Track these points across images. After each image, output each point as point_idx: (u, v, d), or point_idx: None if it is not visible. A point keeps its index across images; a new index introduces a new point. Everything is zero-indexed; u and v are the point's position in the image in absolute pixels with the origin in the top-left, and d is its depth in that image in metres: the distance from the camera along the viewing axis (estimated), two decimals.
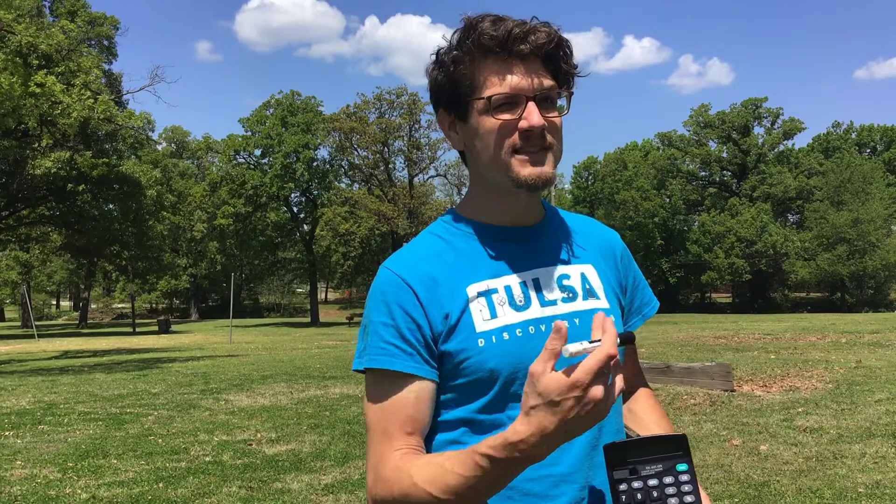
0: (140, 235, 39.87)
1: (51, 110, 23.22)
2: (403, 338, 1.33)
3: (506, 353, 1.33)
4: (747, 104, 64.77)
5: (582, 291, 1.43)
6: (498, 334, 1.34)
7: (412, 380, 1.33)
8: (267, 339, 32.39)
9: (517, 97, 1.33)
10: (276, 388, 12.54)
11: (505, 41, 1.33)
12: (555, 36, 1.35)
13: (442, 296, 1.36)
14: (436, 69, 1.41)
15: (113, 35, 44.97)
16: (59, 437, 8.54)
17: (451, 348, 1.34)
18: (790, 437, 7.39)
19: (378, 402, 1.35)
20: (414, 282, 1.36)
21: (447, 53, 1.39)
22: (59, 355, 23.46)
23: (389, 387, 1.34)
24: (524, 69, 1.34)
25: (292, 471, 6.68)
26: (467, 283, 1.38)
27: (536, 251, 1.44)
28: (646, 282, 1.62)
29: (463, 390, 1.35)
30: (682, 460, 1.18)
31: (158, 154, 59.24)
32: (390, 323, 1.34)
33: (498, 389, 1.33)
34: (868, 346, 16.70)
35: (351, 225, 48.92)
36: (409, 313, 1.34)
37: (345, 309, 71.71)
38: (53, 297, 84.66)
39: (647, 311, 1.60)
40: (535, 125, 1.32)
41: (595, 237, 1.55)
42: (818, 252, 55.89)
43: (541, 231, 1.47)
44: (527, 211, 1.45)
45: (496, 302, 1.37)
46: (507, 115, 1.34)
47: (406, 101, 51.62)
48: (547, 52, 1.35)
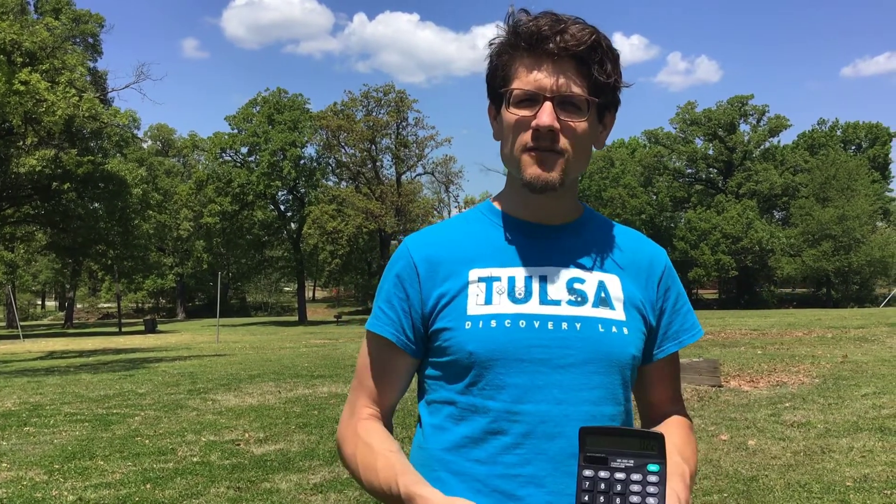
0: (126, 234, 39.64)
1: (35, 108, 23.05)
2: (391, 305, 1.44)
3: (487, 340, 1.34)
4: (733, 102, 65.04)
5: (594, 298, 1.40)
6: (486, 320, 1.35)
7: (390, 346, 1.44)
8: (254, 338, 32.29)
9: (536, 95, 1.33)
10: (263, 387, 12.50)
11: (534, 37, 1.33)
12: (588, 39, 1.32)
13: (442, 275, 1.41)
14: (486, 58, 1.43)
15: (98, 32, 44.72)
16: (45, 438, 8.47)
17: (441, 325, 1.39)
18: (778, 432, 7.42)
19: (365, 357, 1.50)
20: (419, 259, 1.43)
21: (493, 43, 1.40)
22: (44, 356, 23.30)
23: (371, 345, 1.48)
24: (552, 69, 1.33)
25: (281, 470, 6.65)
26: (472, 266, 1.41)
27: (554, 250, 1.43)
28: (690, 307, 1.54)
29: (446, 369, 1.40)
30: (656, 461, 1.16)
31: (144, 152, 58.93)
32: (387, 289, 1.46)
33: (475, 373, 1.35)
34: (854, 341, 16.81)
35: (338, 223, 48.78)
36: (405, 286, 1.43)
37: (333, 307, 71.61)
38: (38, 296, 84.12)
39: (686, 338, 1.52)
40: (543, 125, 1.31)
41: (632, 251, 1.49)
42: (804, 248, 56.19)
43: (567, 232, 1.45)
44: (553, 209, 1.44)
45: (495, 290, 1.38)
46: (524, 112, 1.34)
47: (393, 99, 51.54)
48: (580, 54, 1.32)
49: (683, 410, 1.56)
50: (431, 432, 1.41)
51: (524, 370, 1.33)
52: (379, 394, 1.47)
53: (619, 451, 1.16)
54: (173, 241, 61.53)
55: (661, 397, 1.54)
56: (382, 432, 1.43)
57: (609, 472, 1.15)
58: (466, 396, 1.36)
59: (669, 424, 1.51)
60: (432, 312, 1.40)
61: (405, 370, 1.47)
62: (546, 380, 1.33)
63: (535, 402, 1.32)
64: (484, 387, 1.34)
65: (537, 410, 1.32)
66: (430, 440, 1.41)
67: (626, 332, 1.39)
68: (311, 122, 52.42)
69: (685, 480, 1.30)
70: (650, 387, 1.52)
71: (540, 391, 1.33)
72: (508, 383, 1.33)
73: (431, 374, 1.43)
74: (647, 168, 64.66)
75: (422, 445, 1.43)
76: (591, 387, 1.35)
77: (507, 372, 1.33)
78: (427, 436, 1.42)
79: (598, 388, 1.36)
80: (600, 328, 1.37)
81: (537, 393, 1.33)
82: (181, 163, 71.21)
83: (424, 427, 1.43)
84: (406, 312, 1.42)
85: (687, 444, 1.46)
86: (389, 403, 1.49)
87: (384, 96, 51.65)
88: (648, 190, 63.78)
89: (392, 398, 1.49)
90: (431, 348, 1.42)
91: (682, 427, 1.50)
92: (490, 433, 1.33)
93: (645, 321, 1.45)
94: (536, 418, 1.32)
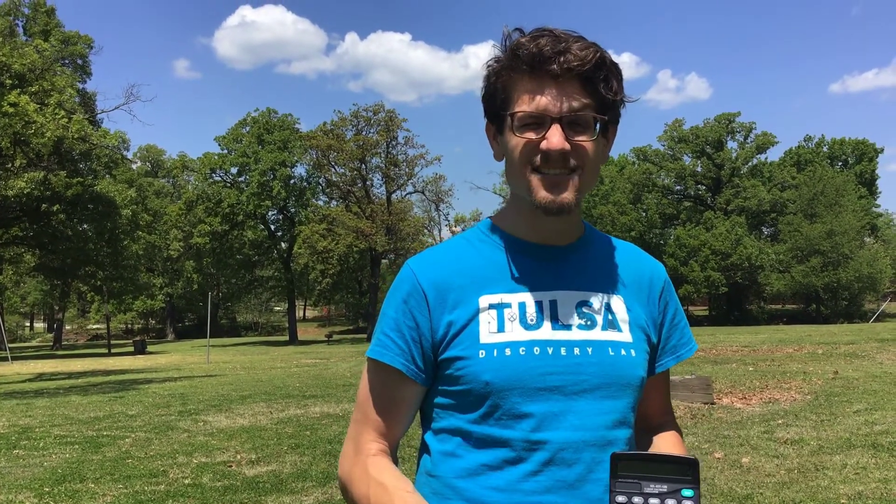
0: (115, 255, 39.43)
1: (24, 130, 23.01)
2: (401, 334, 1.39)
3: (503, 368, 1.33)
4: (720, 119, 65.48)
5: (602, 321, 1.39)
6: (500, 349, 1.34)
7: (396, 375, 1.39)
8: (245, 358, 32.13)
9: (543, 118, 1.31)
10: (255, 408, 12.42)
11: (537, 59, 1.31)
12: (591, 58, 1.30)
13: (451, 302, 1.38)
14: (483, 79, 1.41)
15: (87, 54, 44.68)
16: (35, 461, 8.38)
17: (453, 354, 1.36)
18: (771, 449, 7.42)
19: (367, 385, 1.44)
20: (427, 284, 1.39)
21: (490, 65, 1.39)
22: (33, 378, 23.11)
23: (377, 375, 1.42)
24: (556, 90, 1.31)
25: (273, 492, 6.60)
26: (481, 293, 1.38)
27: (561, 273, 1.41)
28: (686, 321, 1.55)
29: (459, 398, 1.37)
30: (690, 486, 1.15)
31: (133, 173, 58.81)
32: (394, 317, 1.40)
33: (490, 403, 1.33)
34: (845, 357, 16.86)
35: (329, 242, 48.73)
36: (413, 313, 1.39)
37: (323, 327, 71.42)
38: (27, 318, 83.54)
39: (683, 352, 1.53)
40: (554, 148, 1.30)
41: (633, 268, 1.49)
42: (792, 264, 56.42)
43: (572, 253, 1.44)
44: (558, 230, 1.43)
45: (507, 317, 1.36)
46: (531, 135, 1.33)
47: (383, 118, 51.65)
48: (584, 73, 1.31)
49: (674, 421, 1.58)
50: (442, 459, 1.39)
51: (541, 398, 1.32)
52: (386, 427, 1.42)
53: (651, 477, 1.15)
54: (163, 262, 61.31)
55: (655, 409, 1.56)
56: (394, 470, 1.38)
57: (643, 497, 1.15)
58: (482, 426, 1.35)
59: (663, 438, 1.52)
60: (443, 340, 1.37)
61: (414, 400, 1.43)
62: (563, 407, 1.33)
63: (553, 429, 1.32)
64: (501, 416, 1.33)
65: (557, 438, 1.32)
66: (442, 467, 1.38)
67: (633, 355, 1.40)
68: (301, 142, 52.47)
69: None
70: (645, 399, 1.51)
71: (557, 419, 1.32)
72: (526, 412, 1.32)
73: (441, 403, 1.41)
74: (636, 185, 64.93)
75: (432, 473, 1.40)
76: (606, 412, 1.36)
77: (524, 401, 1.32)
78: (437, 463, 1.40)
79: (612, 412, 1.36)
80: (610, 352, 1.37)
81: (555, 421, 1.32)
82: (171, 183, 71.11)
83: (434, 454, 1.41)
84: (416, 341, 1.38)
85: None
86: (396, 437, 1.45)
87: (374, 115, 51.77)
88: (638, 207, 64.01)
89: (399, 431, 1.44)
90: (441, 376, 1.39)
91: (676, 439, 1.52)
92: (509, 462, 1.32)
93: (648, 340, 1.45)
94: (556, 446, 1.32)
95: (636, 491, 1.15)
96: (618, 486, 1.16)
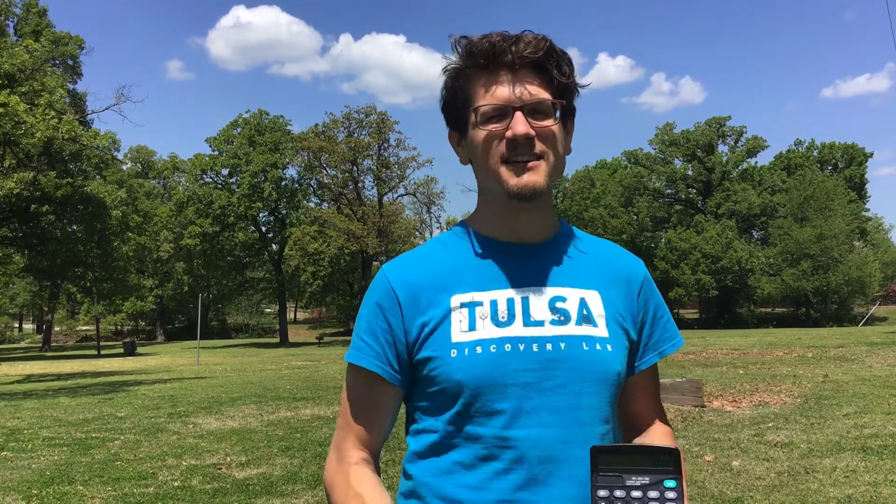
0: (105, 256, 39.25)
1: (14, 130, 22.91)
2: (375, 337, 1.41)
3: (474, 367, 1.33)
4: (711, 123, 65.75)
5: (577, 316, 1.38)
6: (472, 347, 1.34)
7: (374, 378, 1.41)
8: (235, 360, 32.03)
9: (505, 108, 1.34)
10: (245, 410, 12.39)
11: (490, 53, 1.35)
12: (542, 45, 1.35)
13: (424, 303, 1.39)
14: (442, 88, 1.44)
15: (77, 54, 44.49)
16: (23, 463, 8.34)
17: (426, 355, 1.37)
18: (762, 452, 7.44)
19: (347, 391, 1.46)
20: (399, 288, 1.41)
21: (447, 70, 1.42)
22: (21, 379, 22.98)
23: (355, 379, 1.45)
24: (511, 79, 1.35)
25: (263, 494, 6.57)
26: (453, 292, 1.39)
27: (534, 269, 1.41)
28: (670, 316, 1.53)
29: (434, 399, 1.38)
30: (672, 476, 1.13)
31: (124, 174, 58.63)
32: (367, 320, 1.42)
33: (463, 402, 1.34)
34: (834, 361, 16.93)
35: (320, 244, 48.66)
36: (386, 316, 1.40)
37: (314, 329, 71.22)
38: (16, 319, 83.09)
39: (666, 347, 1.51)
40: (519, 134, 1.32)
41: (610, 265, 1.48)
42: (783, 268, 56.68)
43: (545, 249, 1.44)
44: (531, 227, 1.43)
45: (478, 315, 1.36)
46: (495, 125, 1.35)
47: (375, 120, 51.62)
48: (537, 61, 1.35)
49: (665, 420, 1.55)
50: (419, 459, 1.40)
51: (512, 395, 1.32)
52: (367, 432, 1.43)
53: (633, 469, 1.14)
54: (153, 263, 61.13)
55: (644, 409, 1.53)
56: (373, 481, 1.38)
57: (625, 490, 1.13)
58: (456, 424, 1.35)
59: (652, 433, 1.50)
60: (416, 341, 1.38)
61: (393, 403, 1.44)
62: (535, 404, 1.32)
63: (525, 427, 1.31)
64: (473, 414, 1.33)
65: (528, 435, 1.31)
66: (419, 467, 1.40)
67: (609, 349, 1.38)
68: (293, 144, 52.38)
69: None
70: (632, 398, 1.50)
71: (529, 416, 1.32)
72: (498, 409, 1.32)
73: (418, 404, 1.42)
74: (628, 188, 65.13)
75: (410, 473, 1.42)
76: (580, 407, 1.34)
77: (496, 398, 1.32)
78: (415, 462, 1.41)
79: (587, 408, 1.35)
80: (584, 346, 1.36)
81: (527, 418, 1.32)
82: (161, 185, 70.89)
83: (412, 454, 1.42)
84: (390, 343, 1.40)
85: None
86: (378, 442, 1.46)
87: (366, 118, 51.74)
88: (629, 210, 64.20)
89: (380, 436, 1.46)
90: (418, 378, 1.40)
91: (666, 437, 1.49)
92: (481, 459, 1.32)
93: (627, 335, 1.44)
94: (528, 443, 1.31)
95: (618, 484, 1.13)
96: (599, 479, 1.15)
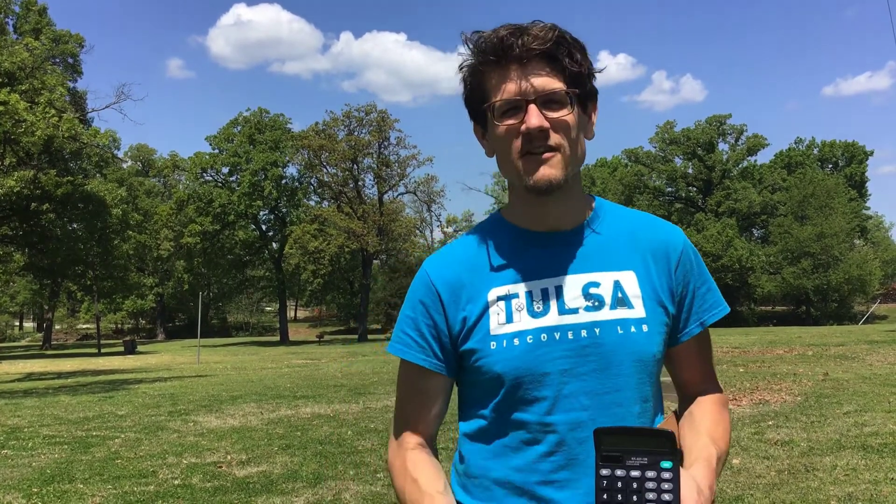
0: (105, 255, 39.27)
1: (14, 128, 22.91)
2: (420, 332, 1.49)
3: (513, 359, 1.40)
4: (711, 121, 65.65)
5: (611, 300, 1.42)
6: (510, 339, 1.41)
7: (423, 371, 1.49)
8: (236, 358, 32.05)
9: (518, 102, 1.35)
10: (245, 408, 12.39)
11: (499, 48, 1.36)
12: (551, 36, 1.35)
13: (464, 299, 1.46)
14: (460, 83, 1.46)
15: (78, 53, 44.52)
16: (24, 461, 8.34)
17: (468, 347, 1.45)
18: (762, 451, 7.43)
19: (401, 384, 1.56)
20: (440, 285, 1.48)
21: (462, 67, 1.44)
22: (22, 377, 23.00)
23: (404, 371, 1.54)
24: (521, 72, 1.35)
25: (263, 493, 6.57)
26: (490, 286, 1.45)
27: (567, 257, 1.45)
28: (711, 286, 1.55)
29: (479, 388, 1.47)
30: (668, 457, 1.18)
31: (124, 172, 58.63)
32: (412, 317, 1.50)
33: (505, 391, 1.41)
34: (834, 359, 16.91)
35: (320, 242, 48.68)
36: (430, 312, 1.48)
37: (315, 327, 71.29)
38: (16, 318, 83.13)
39: (707, 317, 1.53)
40: (532, 127, 1.33)
41: (647, 239, 1.50)
42: (783, 266, 56.65)
43: (578, 235, 1.47)
44: (561, 215, 1.46)
45: (514, 307, 1.42)
46: (511, 120, 1.37)
47: (375, 119, 51.63)
48: (547, 52, 1.35)
49: (716, 387, 1.58)
50: (470, 442, 1.50)
51: (551, 382, 1.39)
52: (421, 419, 1.53)
53: (633, 450, 1.20)
54: (153, 262, 61.11)
55: (692, 376, 1.58)
56: (430, 466, 1.47)
57: (625, 470, 1.19)
58: (501, 411, 1.43)
59: (701, 403, 1.53)
60: (459, 334, 1.46)
61: (442, 391, 1.52)
62: (572, 388, 1.39)
63: (564, 411, 1.39)
64: (516, 402, 1.41)
65: (567, 419, 1.39)
66: (470, 449, 1.49)
67: (645, 329, 1.43)
68: (293, 142, 52.38)
69: (711, 465, 1.33)
70: (679, 367, 1.57)
71: (568, 400, 1.39)
72: (538, 397, 1.40)
73: (466, 391, 1.52)
74: (628, 187, 65.07)
75: (463, 454, 1.52)
76: (616, 389, 1.41)
77: (536, 387, 1.40)
78: (467, 444, 1.51)
79: (623, 389, 1.41)
80: (619, 330, 1.41)
81: (565, 402, 1.39)
82: (161, 183, 70.88)
83: (463, 438, 1.52)
84: (435, 337, 1.48)
85: (718, 423, 1.48)
86: (432, 427, 1.55)
87: (366, 116, 51.76)
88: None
89: (434, 421, 1.54)
90: (463, 367, 1.48)
91: (715, 405, 1.52)
92: (526, 443, 1.41)
93: (666, 311, 1.47)
94: (566, 427, 1.39)
95: (619, 464, 1.19)
96: (602, 459, 1.20)
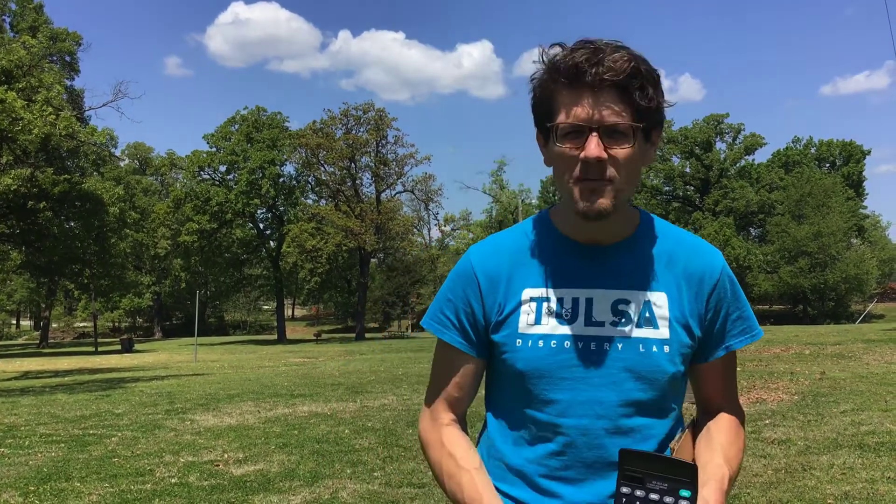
0: (102, 253, 39.22)
1: (11, 126, 22.88)
2: (457, 315, 1.57)
3: (535, 359, 1.49)
4: (709, 120, 65.76)
5: (638, 319, 1.48)
6: (535, 340, 1.49)
7: (457, 352, 1.58)
8: (233, 357, 32.03)
9: (582, 128, 1.37)
10: (242, 406, 12.38)
11: (572, 72, 1.36)
12: (626, 67, 1.35)
13: (501, 293, 1.54)
14: (530, 90, 1.48)
15: (75, 51, 44.50)
16: (20, 460, 8.33)
17: (498, 339, 1.53)
18: (759, 449, 7.44)
19: (436, 361, 1.65)
20: (481, 274, 1.55)
21: (534, 77, 1.46)
22: (19, 376, 22.98)
23: (440, 350, 1.63)
24: (592, 101, 1.36)
25: (261, 491, 6.57)
26: (526, 285, 1.53)
27: (604, 272, 1.50)
28: (745, 312, 1.58)
29: (503, 378, 1.57)
30: (688, 487, 1.24)
31: (121, 171, 58.53)
32: (451, 298, 1.59)
33: (524, 387, 1.51)
34: (831, 358, 16.92)
35: (318, 241, 48.65)
36: (469, 299, 1.56)
37: (312, 326, 71.25)
38: (13, 316, 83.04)
39: (735, 342, 1.57)
40: (591, 157, 1.36)
41: (684, 263, 1.54)
42: (780, 265, 56.72)
43: (618, 251, 1.52)
44: (605, 231, 1.50)
45: (545, 310, 1.50)
46: (571, 144, 1.39)
47: (373, 117, 51.60)
48: (619, 83, 1.35)
49: (736, 407, 1.64)
50: (494, 428, 1.60)
51: (567, 387, 1.47)
52: (454, 396, 1.61)
53: (654, 475, 1.26)
54: (151, 260, 61.11)
55: (714, 395, 1.63)
56: (465, 443, 1.57)
57: (645, 492, 1.26)
58: (520, 405, 1.53)
59: (719, 421, 1.59)
60: (492, 324, 1.54)
61: (475, 372, 1.61)
62: (587, 396, 1.47)
63: (576, 416, 1.48)
64: (532, 400, 1.50)
65: (579, 424, 1.48)
66: (494, 430, 1.60)
67: (666, 350, 1.48)
68: (291, 141, 52.34)
69: (722, 486, 1.39)
70: (702, 384, 1.63)
71: (581, 406, 1.47)
72: (553, 399, 1.48)
73: (492, 378, 1.62)
74: None
75: (489, 433, 1.62)
76: (630, 403, 1.48)
77: (552, 389, 1.48)
78: (491, 425, 1.61)
79: (637, 404, 1.48)
80: (641, 348, 1.47)
81: (578, 408, 1.47)
82: (159, 181, 70.82)
83: (490, 418, 1.62)
84: (471, 322, 1.56)
85: (732, 443, 1.54)
86: (464, 405, 1.64)
87: (364, 114, 51.72)
88: None
89: (466, 400, 1.63)
90: (492, 355, 1.58)
91: (731, 425, 1.58)
92: (538, 439, 1.51)
93: (691, 334, 1.52)
94: (577, 431, 1.48)
95: (640, 485, 1.26)
96: (624, 478, 1.27)
